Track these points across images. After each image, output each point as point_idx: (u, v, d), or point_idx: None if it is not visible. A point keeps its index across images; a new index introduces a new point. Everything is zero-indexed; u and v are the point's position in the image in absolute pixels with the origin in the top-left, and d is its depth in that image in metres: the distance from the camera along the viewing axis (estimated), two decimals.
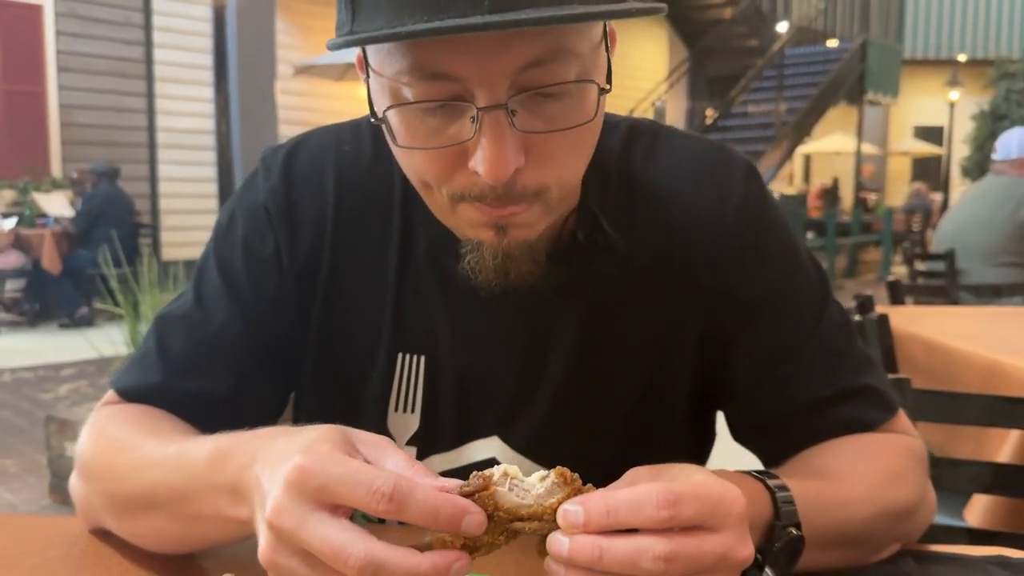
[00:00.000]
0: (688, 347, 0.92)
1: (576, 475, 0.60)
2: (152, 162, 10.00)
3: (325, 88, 11.06)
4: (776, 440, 0.93)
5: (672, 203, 0.90)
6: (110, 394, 0.93)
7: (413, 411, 0.93)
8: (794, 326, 0.91)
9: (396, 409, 0.94)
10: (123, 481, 0.81)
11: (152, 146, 9.98)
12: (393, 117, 0.72)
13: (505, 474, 0.59)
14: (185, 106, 10.24)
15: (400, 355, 0.93)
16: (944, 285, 3.66)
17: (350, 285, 0.92)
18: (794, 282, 0.92)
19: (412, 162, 0.76)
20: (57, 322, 8.32)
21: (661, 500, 0.56)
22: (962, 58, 22.00)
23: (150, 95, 9.95)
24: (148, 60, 9.89)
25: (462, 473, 0.76)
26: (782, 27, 17.20)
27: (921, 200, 15.44)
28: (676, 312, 0.91)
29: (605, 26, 0.73)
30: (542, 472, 0.60)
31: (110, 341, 4.30)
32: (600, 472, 0.67)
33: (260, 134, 7.96)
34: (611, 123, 0.90)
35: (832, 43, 17.86)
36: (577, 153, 0.76)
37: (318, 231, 0.91)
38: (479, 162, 0.69)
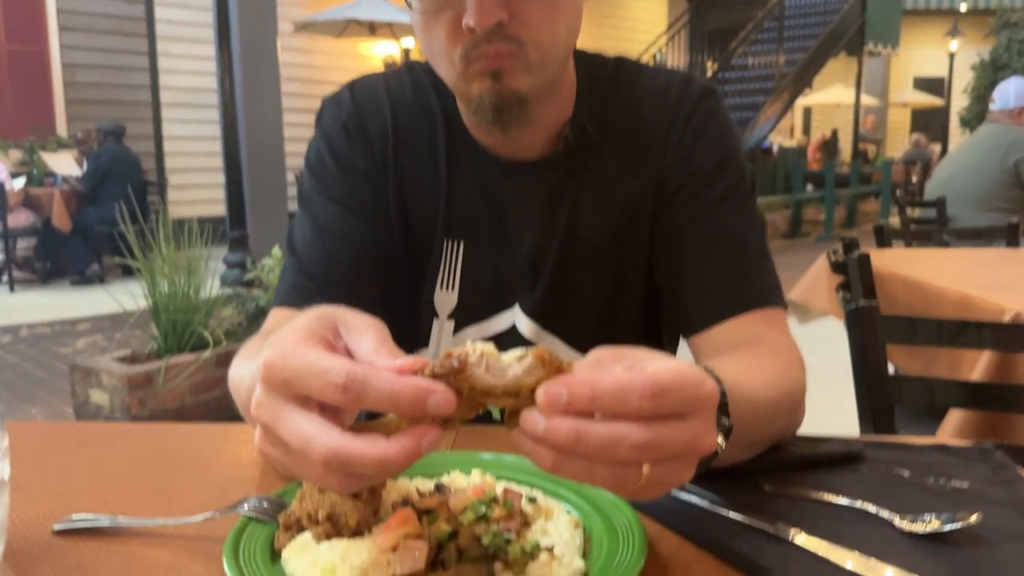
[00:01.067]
0: (643, 229, 1.19)
1: (556, 357, 0.58)
2: (157, 121, 10.06)
3: (326, 45, 11.06)
4: (686, 311, 1.15)
5: (642, 108, 1.17)
6: (272, 311, 1.16)
7: (453, 289, 1.20)
8: (716, 201, 1.15)
9: (442, 287, 1.20)
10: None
11: (156, 105, 10.02)
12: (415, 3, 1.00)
13: (481, 354, 0.58)
14: (188, 64, 10.27)
15: (447, 242, 1.19)
16: (932, 230, 3.79)
17: (412, 187, 1.17)
18: (726, 168, 1.16)
19: (429, 34, 1.01)
20: (68, 279, 8.46)
21: (647, 391, 0.56)
22: (963, 7, 21.76)
23: (152, 54, 9.97)
24: (150, 18, 9.90)
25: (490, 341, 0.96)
26: None
27: (920, 151, 15.47)
28: (637, 193, 1.17)
29: None
30: (519, 351, 0.59)
31: (129, 295, 4.43)
32: (579, 340, 1.04)
33: (263, 92, 7.99)
34: (605, 59, 1.20)
35: None
36: (550, 19, 0.99)
37: (383, 141, 1.16)
38: (469, 15, 0.94)
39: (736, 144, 1.18)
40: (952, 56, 18.48)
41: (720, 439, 0.75)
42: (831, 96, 18.59)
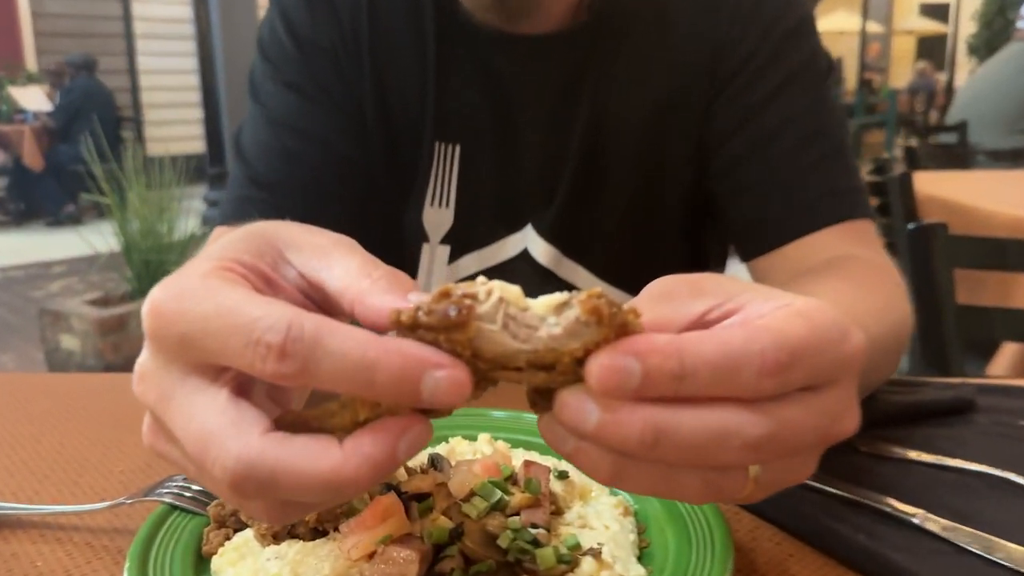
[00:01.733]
0: (689, 125, 0.93)
1: (616, 306, 0.37)
2: (130, 54, 9.62)
3: None
4: (751, 226, 0.92)
5: None
6: (217, 231, 0.90)
7: (447, 205, 0.94)
8: (786, 82, 0.90)
9: (433, 203, 0.95)
10: None
11: (129, 36, 9.58)
12: None
13: (499, 299, 0.36)
14: None
15: (438, 144, 0.93)
16: (962, 152, 3.59)
17: (392, 74, 0.93)
18: (798, 41, 0.91)
19: None
20: (44, 220, 8.20)
21: (770, 361, 0.37)
22: None
23: None
24: None
25: (496, 272, 0.74)
26: None
27: (925, 80, 15.07)
28: (683, 76, 0.92)
29: None
30: (558, 296, 0.37)
31: (101, 235, 4.21)
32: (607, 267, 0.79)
33: (241, 21, 7.60)
34: None
35: None
36: None
37: (355, 17, 0.92)
38: None
39: (807, 12, 0.94)
40: None
41: None
42: (834, 23, 18.00)
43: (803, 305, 0.41)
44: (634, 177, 0.94)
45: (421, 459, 0.59)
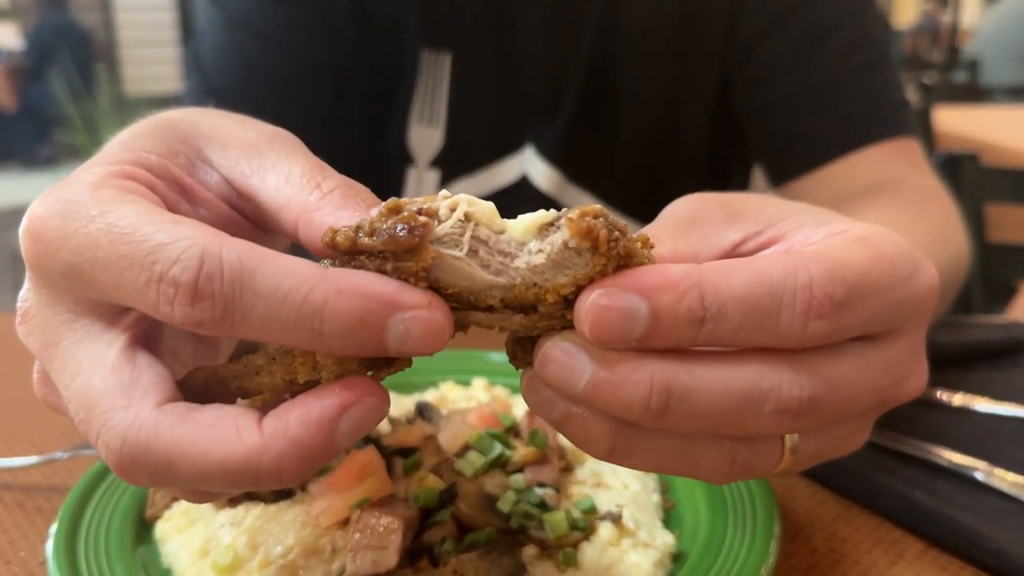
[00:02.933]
0: (715, 25, 0.82)
1: (617, 228, 0.28)
2: None
3: None
4: (787, 144, 0.81)
5: None
6: None
7: (436, 124, 0.84)
8: (834, 8, 0.79)
9: (421, 121, 0.84)
10: None
11: None
12: None
13: (466, 217, 0.29)
14: None
15: (425, 52, 0.82)
16: (980, 89, 3.50)
17: None
18: None
19: None
20: (18, 162, 8.00)
21: (821, 298, 0.29)
22: None
23: None
24: None
25: (493, 200, 0.65)
26: None
27: (930, 20, 14.79)
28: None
29: None
30: (542, 215, 0.29)
31: None
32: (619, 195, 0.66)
33: None
34: None
35: None
36: None
37: None
38: None
39: None
40: None
41: None
42: None
43: (864, 231, 0.32)
44: (652, 89, 0.84)
45: (407, 406, 0.51)
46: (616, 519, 0.41)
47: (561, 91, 0.83)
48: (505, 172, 0.86)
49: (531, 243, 0.28)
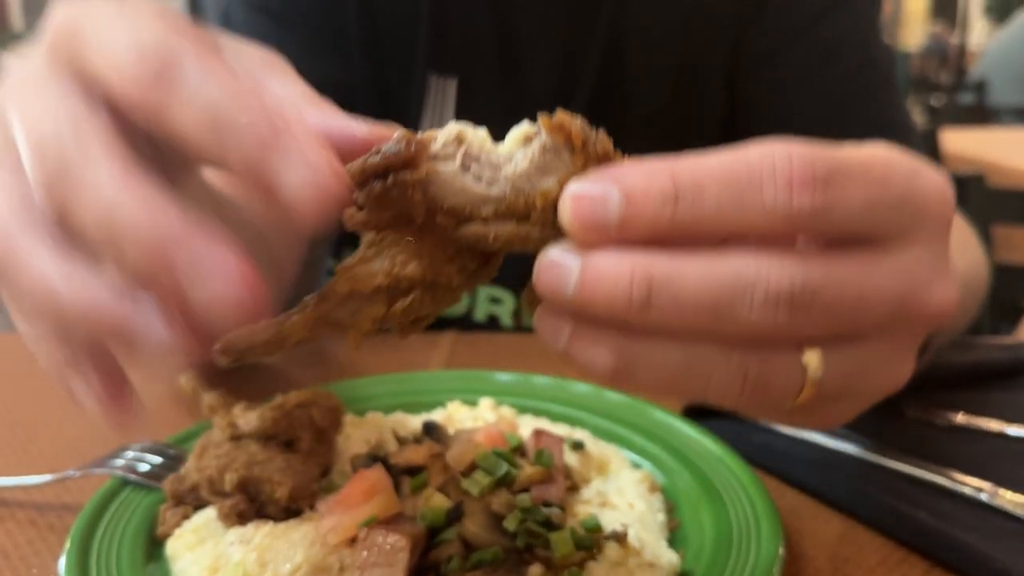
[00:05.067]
0: (721, 42, 0.84)
1: (592, 131, 0.31)
2: None
3: None
4: None
5: None
6: None
7: None
8: (836, 10, 0.81)
9: None
10: None
11: None
12: None
13: (458, 139, 0.31)
14: None
15: (433, 77, 0.84)
16: (987, 110, 3.51)
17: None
18: None
19: None
20: None
21: (802, 170, 0.28)
22: None
23: None
24: None
25: None
26: None
27: (938, 43, 14.80)
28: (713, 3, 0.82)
29: None
30: (524, 127, 0.31)
31: None
32: None
33: None
34: None
35: None
36: None
37: None
38: None
39: None
40: None
41: None
42: None
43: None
44: (659, 102, 0.85)
45: (414, 426, 0.51)
46: (621, 538, 0.42)
47: (567, 109, 0.85)
48: None
49: (517, 153, 0.30)
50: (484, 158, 0.30)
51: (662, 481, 0.50)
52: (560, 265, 0.29)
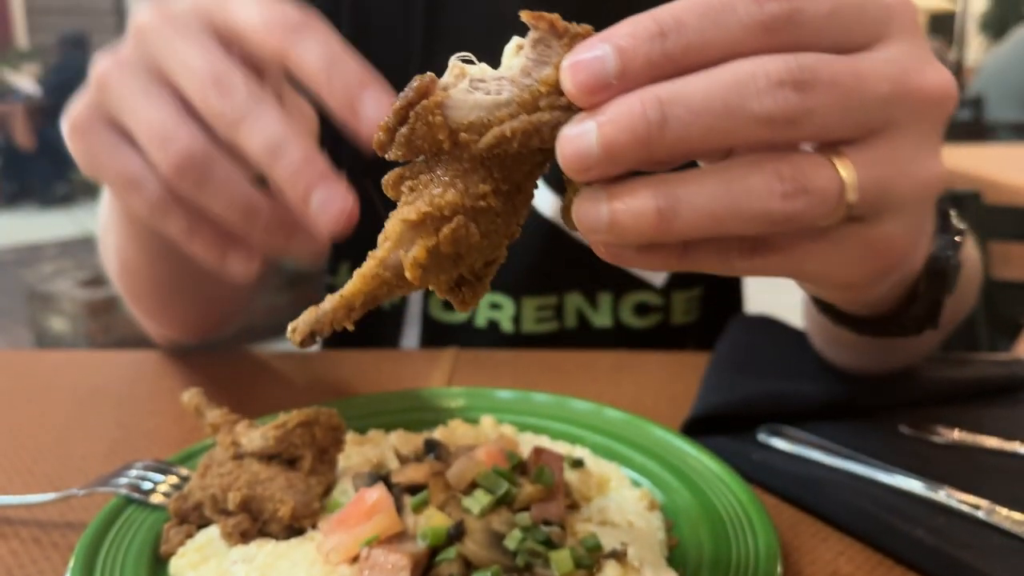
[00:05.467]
0: None
1: (571, 24, 0.33)
2: (122, 29, 9.50)
3: None
4: None
5: None
6: None
7: None
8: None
9: None
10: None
11: (121, 12, 9.44)
12: None
13: (461, 72, 0.35)
14: None
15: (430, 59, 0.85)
16: (982, 127, 3.52)
17: (375, 31, 0.85)
18: None
19: None
20: (35, 201, 8.10)
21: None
22: None
23: None
24: None
25: None
26: None
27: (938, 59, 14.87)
28: None
29: None
30: (514, 41, 0.34)
31: (93, 216, 4.12)
32: None
33: None
34: None
35: None
36: None
37: None
38: None
39: None
40: None
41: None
42: None
43: None
44: None
45: (415, 443, 0.52)
46: (621, 557, 0.42)
47: None
48: None
49: (512, 64, 0.34)
50: (488, 76, 0.34)
51: (661, 499, 0.50)
52: (578, 133, 0.31)
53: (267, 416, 0.53)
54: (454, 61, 0.34)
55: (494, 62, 0.33)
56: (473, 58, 0.34)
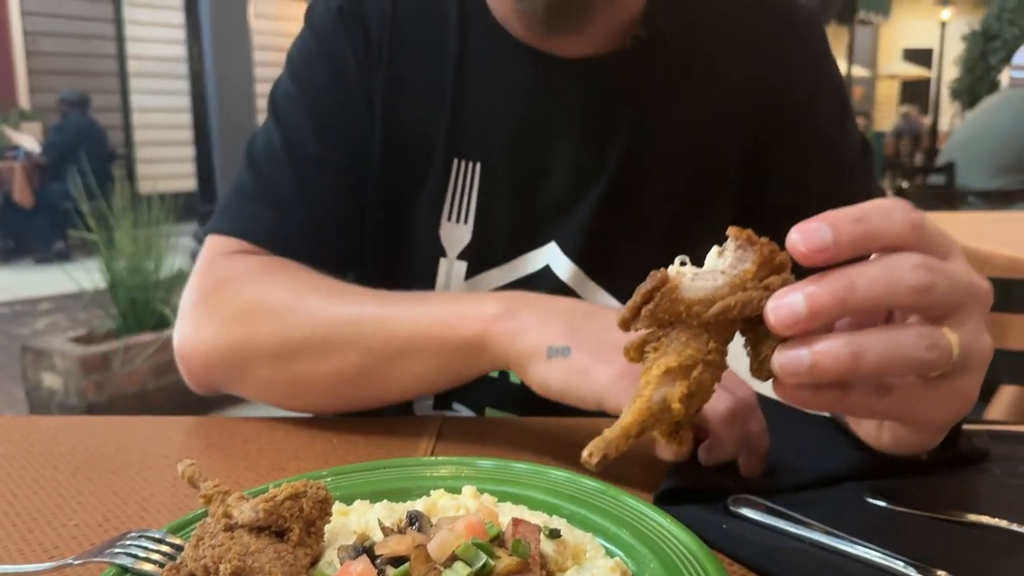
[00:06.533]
0: (733, 156, 0.94)
1: (760, 238, 0.48)
2: (124, 91, 9.68)
3: (299, 9, 10.67)
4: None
5: (738, 16, 0.94)
6: (219, 240, 0.91)
7: (466, 222, 0.92)
8: (837, 155, 0.94)
9: (449, 218, 0.93)
10: (317, 324, 0.80)
11: (123, 75, 9.64)
12: None
13: (680, 270, 0.48)
14: (156, 32, 9.86)
15: (456, 161, 0.92)
16: (953, 193, 3.61)
17: (410, 84, 0.92)
18: (844, 117, 0.96)
19: None
20: (33, 257, 8.14)
21: (902, 209, 0.48)
22: None
23: (119, 21, 9.56)
24: None
25: (517, 287, 0.89)
26: None
27: (910, 124, 15.28)
28: (726, 115, 0.93)
29: None
30: (715, 249, 0.49)
31: (88, 272, 4.17)
32: (629, 288, 0.72)
33: (234, 60, 7.66)
34: None
35: None
36: None
37: (380, 24, 0.93)
38: None
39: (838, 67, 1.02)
40: (944, 25, 18.25)
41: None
42: None
43: None
44: (669, 203, 0.93)
45: (398, 515, 0.54)
46: None
47: (584, 197, 0.91)
48: (530, 263, 0.93)
49: (718, 261, 0.48)
50: (701, 273, 0.48)
51: (633, 569, 0.52)
52: (794, 354, 0.46)
53: (258, 487, 0.55)
54: (677, 266, 0.48)
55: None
56: (688, 260, 0.49)
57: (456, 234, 0.93)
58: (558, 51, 0.89)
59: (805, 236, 0.45)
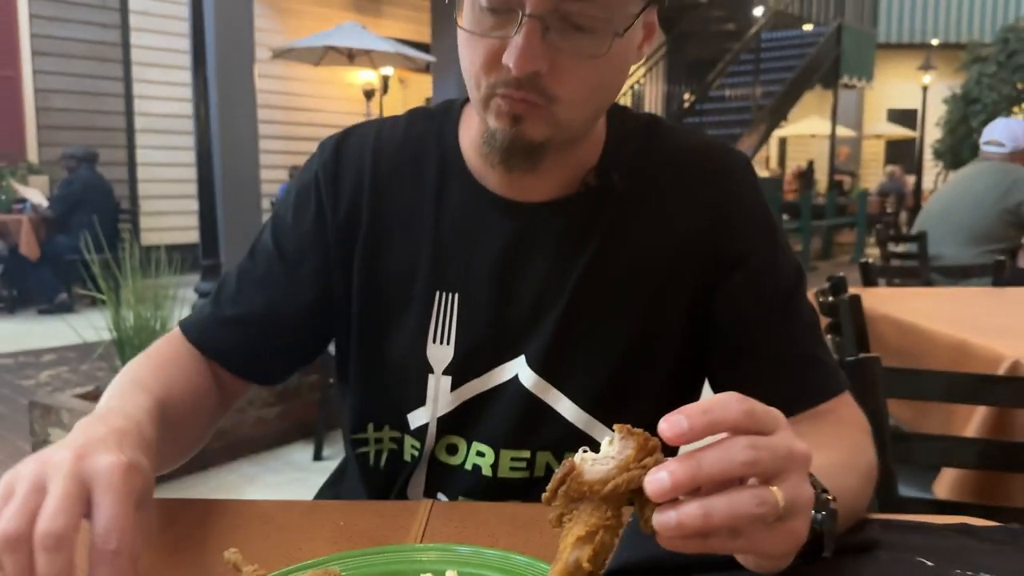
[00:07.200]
0: (682, 297, 1.09)
1: (636, 429, 0.63)
2: (131, 147, 9.91)
3: (304, 72, 10.98)
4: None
5: (680, 168, 1.10)
6: (174, 330, 1.14)
7: (448, 343, 1.09)
8: (773, 288, 1.09)
9: (434, 341, 1.10)
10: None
11: (130, 131, 9.88)
12: (467, 12, 0.93)
13: (582, 457, 0.62)
14: (163, 90, 10.15)
15: (437, 293, 1.09)
16: (916, 267, 3.74)
17: (389, 235, 1.11)
18: (777, 252, 1.11)
19: (470, 52, 0.95)
20: (36, 308, 8.22)
21: (737, 400, 0.62)
22: (935, 42, 22.10)
23: (127, 79, 9.85)
24: (125, 44, 9.78)
25: (491, 394, 1.07)
26: (759, 11, 17.21)
27: (895, 183, 15.63)
28: (673, 252, 1.09)
29: None
30: (607, 439, 0.63)
31: (91, 326, 4.27)
32: (590, 401, 1.05)
33: (239, 118, 7.88)
34: (637, 113, 1.13)
35: (808, 27, 17.90)
36: (590, 83, 0.94)
37: (357, 190, 1.09)
38: (510, 55, 0.89)
39: (781, 230, 1.14)
40: (925, 89, 18.70)
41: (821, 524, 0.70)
42: (806, 127, 18.81)
43: None
44: (628, 319, 1.08)
45: None
46: None
47: (547, 317, 1.08)
48: (503, 373, 1.10)
49: (609, 448, 0.61)
50: (597, 458, 0.61)
51: None
52: (665, 516, 0.59)
53: (278, 571, 0.70)
54: (580, 452, 0.62)
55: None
56: (588, 450, 0.62)
57: (441, 354, 1.09)
58: (527, 198, 1.07)
59: (670, 425, 0.59)
